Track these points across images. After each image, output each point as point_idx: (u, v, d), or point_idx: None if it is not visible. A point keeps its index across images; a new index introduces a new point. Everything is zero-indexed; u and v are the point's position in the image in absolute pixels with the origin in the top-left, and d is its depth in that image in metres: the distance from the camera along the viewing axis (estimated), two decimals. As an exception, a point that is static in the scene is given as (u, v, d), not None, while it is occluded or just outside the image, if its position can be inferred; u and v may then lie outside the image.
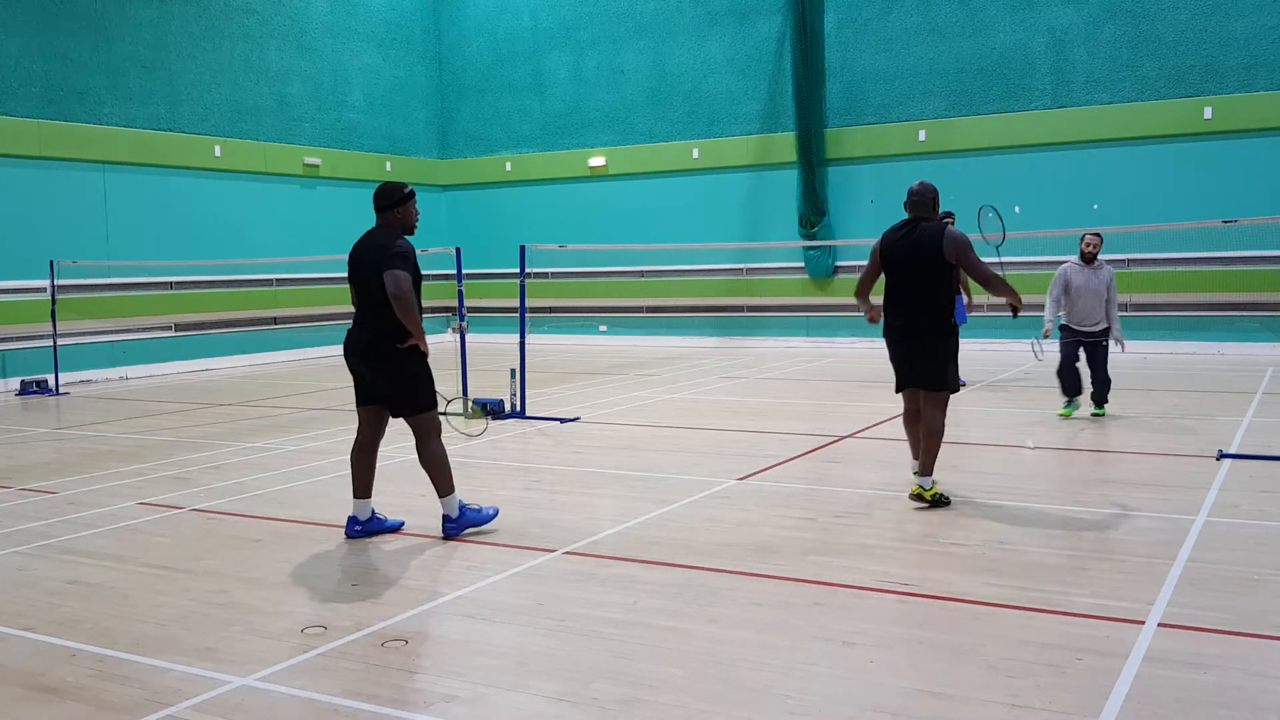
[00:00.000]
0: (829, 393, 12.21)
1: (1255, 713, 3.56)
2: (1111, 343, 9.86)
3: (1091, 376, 9.82)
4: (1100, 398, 9.87)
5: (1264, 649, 4.11)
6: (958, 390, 6.79)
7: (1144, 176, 15.94)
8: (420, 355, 5.90)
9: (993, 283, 6.40)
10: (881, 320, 6.71)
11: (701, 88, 19.44)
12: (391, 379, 5.91)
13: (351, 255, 6.03)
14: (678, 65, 19.62)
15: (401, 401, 5.96)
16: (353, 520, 6.12)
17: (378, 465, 6.22)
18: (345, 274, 6.13)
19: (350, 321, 6.08)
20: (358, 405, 6.15)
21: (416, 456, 6.06)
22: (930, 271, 6.43)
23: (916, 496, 6.47)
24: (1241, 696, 3.68)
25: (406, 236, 5.98)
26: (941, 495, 6.49)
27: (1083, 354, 9.86)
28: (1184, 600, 4.67)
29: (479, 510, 6.13)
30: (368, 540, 6.05)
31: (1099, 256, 9.74)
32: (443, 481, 5.99)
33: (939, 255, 6.39)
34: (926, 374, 6.50)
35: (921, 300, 6.49)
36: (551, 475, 7.81)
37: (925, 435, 6.50)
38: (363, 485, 6.11)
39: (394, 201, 5.95)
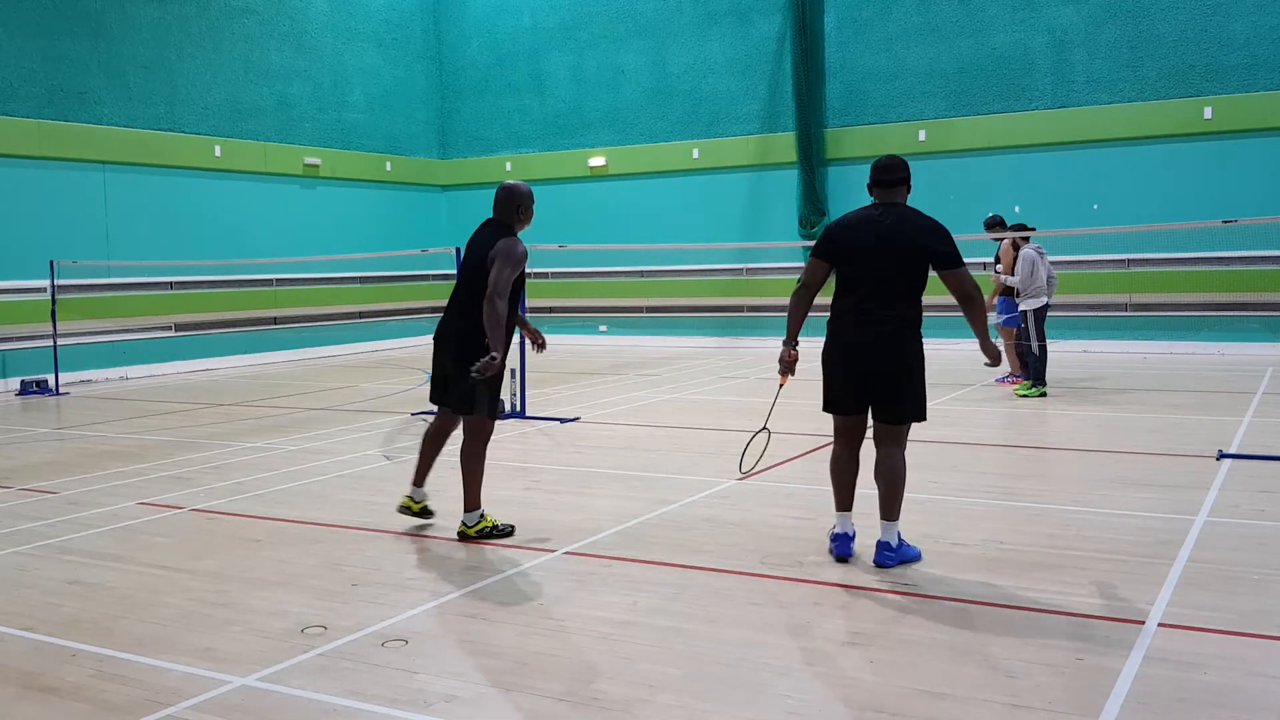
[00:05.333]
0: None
1: (1255, 713, 3.56)
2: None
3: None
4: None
5: (1264, 649, 4.11)
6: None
7: (1144, 176, 15.92)
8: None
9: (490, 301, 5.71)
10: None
11: (701, 88, 19.43)
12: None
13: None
14: (678, 65, 19.61)
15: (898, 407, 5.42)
16: (844, 538, 5.48)
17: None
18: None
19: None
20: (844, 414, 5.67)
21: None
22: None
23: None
24: (1241, 696, 3.68)
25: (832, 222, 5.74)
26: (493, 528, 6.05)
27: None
28: (1184, 600, 4.67)
29: (910, 548, 5.46)
30: (368, 540, 6.04)
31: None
32: (891, 503, 5.41)
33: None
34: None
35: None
36: (551, 475, 7.81)
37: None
38: (847, 497, 5.57)
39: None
